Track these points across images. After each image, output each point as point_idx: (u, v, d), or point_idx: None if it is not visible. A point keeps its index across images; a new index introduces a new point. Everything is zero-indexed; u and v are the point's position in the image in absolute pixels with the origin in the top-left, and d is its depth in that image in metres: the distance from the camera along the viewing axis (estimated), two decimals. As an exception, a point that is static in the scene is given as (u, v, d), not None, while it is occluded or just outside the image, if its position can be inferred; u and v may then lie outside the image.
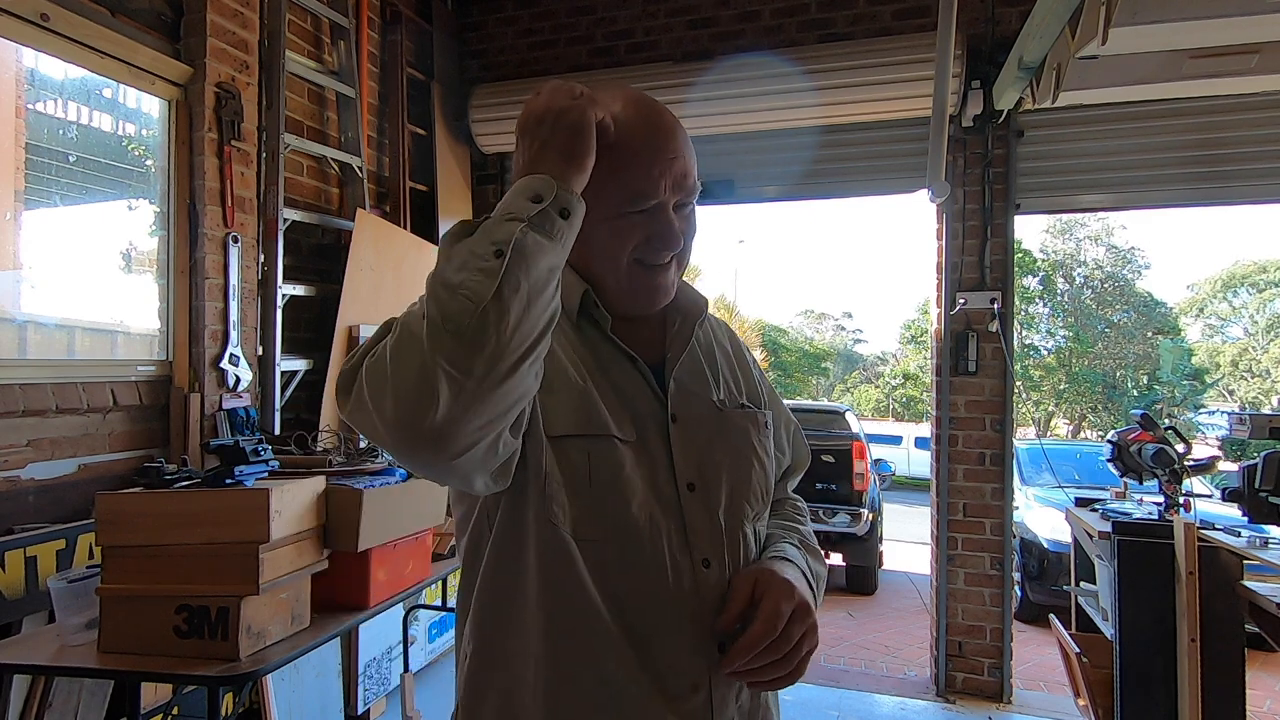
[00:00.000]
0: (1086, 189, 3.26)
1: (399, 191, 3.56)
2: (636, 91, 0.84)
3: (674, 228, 0.82)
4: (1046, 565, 5.11)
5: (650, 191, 0.79)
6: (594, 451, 0.78)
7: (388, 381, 0.63)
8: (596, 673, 0.76)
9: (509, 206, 0.67)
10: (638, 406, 0.83)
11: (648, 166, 0.79)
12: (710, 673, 0.79)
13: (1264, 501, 2.00)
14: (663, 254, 0.83)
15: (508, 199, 0.68)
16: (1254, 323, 22.60)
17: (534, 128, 0.71)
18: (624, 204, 0.80)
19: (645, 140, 0.79)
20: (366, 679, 2.86)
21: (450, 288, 0.63)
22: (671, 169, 0.80)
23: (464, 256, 0.64)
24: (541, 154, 0.70)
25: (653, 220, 0.81)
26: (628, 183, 0.79)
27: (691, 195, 0.84)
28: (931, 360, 3.51)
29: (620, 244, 0.82)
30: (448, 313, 0.62)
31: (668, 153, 0.80)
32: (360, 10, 3.38)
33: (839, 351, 35.68)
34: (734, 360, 0.98)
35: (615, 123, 0.77)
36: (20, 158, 2.25)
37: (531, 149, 0.71)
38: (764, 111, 3.38)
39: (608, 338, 0.85)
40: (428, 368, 0.61)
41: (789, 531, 0.95)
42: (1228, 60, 2.53)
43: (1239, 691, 2.07)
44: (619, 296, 0.85)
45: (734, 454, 0.87)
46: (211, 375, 2.52)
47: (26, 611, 1.95)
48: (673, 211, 0.82)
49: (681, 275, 0.89)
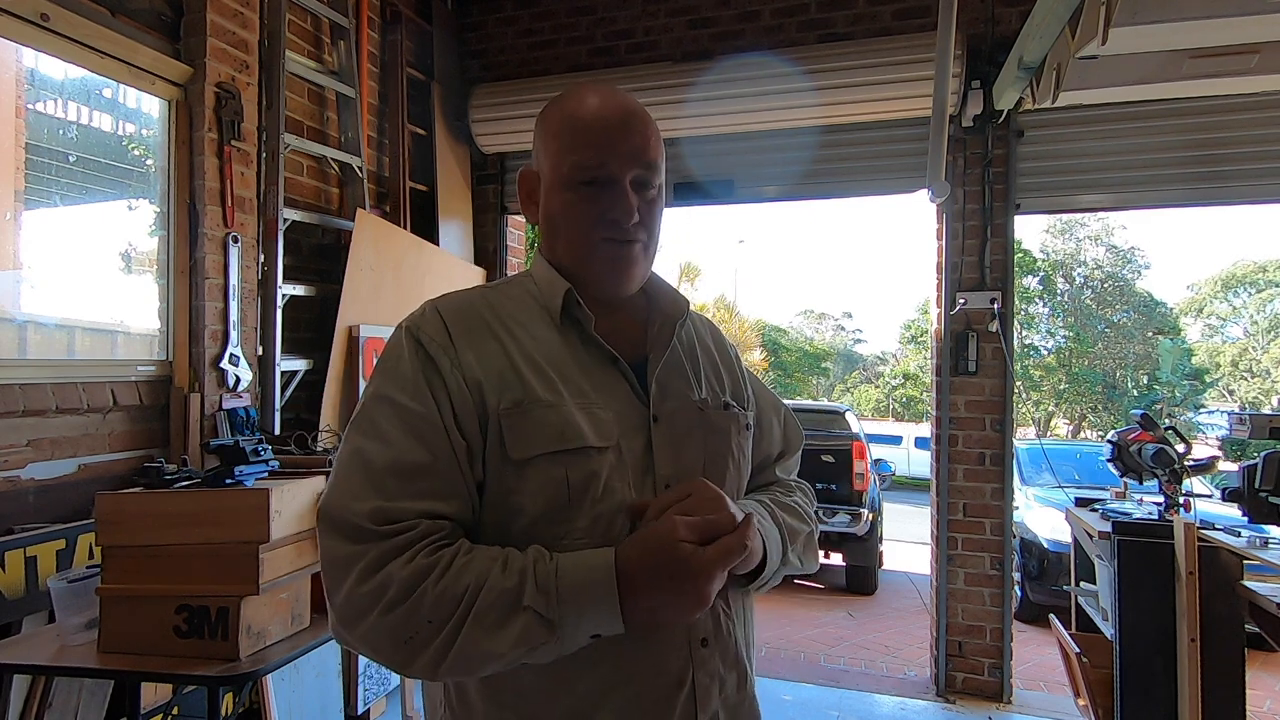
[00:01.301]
0: (1086, 189, 3.26)
1: (399, 191, 3.56)
2: (601, 85, 0.89)
3: (628, 200, 0.84)
4: (1046, 565, 5.11)
5: (599, 162, 0.83)
6: (571, 465, 0.78)
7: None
8: (580, 676, 0.77)
9: (579, 627, 0.72)
10: (619, 407, 0.83)
11: (598, 139, 0.83)
12: (693, 669, 0.80)
13: (1264, 501, 1.99)
14: (622, 227, 0.84)
15: (586, 617, 0.72)
16: (1254, 323, 22.61)
17: (676, 583, 0.72)
18: (576, 173, 0.83)
19: (597, 117, 0.84)
20: (366, 679, 2.86)
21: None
22: (623, 143, 0.83)
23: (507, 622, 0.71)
24: (653, 611, 0.73)
25: (607, 193, 0.84)
26: (581, 154, 0.83)
27: (650, 174, 0.86)
28: (931, 360, 3.51)
29: (580, 216, 0.84)
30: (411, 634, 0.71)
31: (619, 129, 0.84)
32: (360, 10, 3.38)
33: (839, 351, 35.67)
34: (717, 357, 0.99)
35: (572, 101, 0.86)
36: (20, 158, 2.25)
37: (653, 598, 0.72)
38: (764, 111, 3.38)
39: (590, 338, 0.85)
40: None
41: (760, 497, 0.97)
42: (1228, 60, 2.52)
43: (1239, 691, 2.07)
44: (592, 276, 0.87)
45: (712, 454, 0.88)
46: (211, 375, 2.52)
47: (26, 611, 1.95)
48: (630, 188, 0.84)
49: (652, 260, 0.91)
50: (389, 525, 0.73)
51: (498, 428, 0.78)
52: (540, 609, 0.71)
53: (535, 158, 0.91)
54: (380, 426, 0.77)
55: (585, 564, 0.73)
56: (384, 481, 0.74)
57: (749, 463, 0.95)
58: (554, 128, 0.86)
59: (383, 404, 0.78)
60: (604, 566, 0.73)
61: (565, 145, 0.84)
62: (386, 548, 0.72)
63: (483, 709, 0.80)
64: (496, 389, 0.79)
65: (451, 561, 0.72)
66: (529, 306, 0.88)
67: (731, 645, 0.85)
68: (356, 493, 0.74)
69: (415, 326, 0.82)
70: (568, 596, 0.71)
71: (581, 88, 0.88)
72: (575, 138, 0.84)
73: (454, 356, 0.80)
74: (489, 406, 0.79)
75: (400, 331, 0.83)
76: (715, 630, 0.83)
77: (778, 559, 0.88)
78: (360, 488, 0.74)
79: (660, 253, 0.93)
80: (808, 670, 3.77)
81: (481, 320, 0.84)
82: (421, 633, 0.70)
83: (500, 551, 0.75)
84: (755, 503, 0.92)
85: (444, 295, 0.88)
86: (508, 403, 0.79)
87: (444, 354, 0.80)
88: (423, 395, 0.78)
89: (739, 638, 0.87)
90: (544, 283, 0.89)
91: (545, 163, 0.88)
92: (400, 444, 0.76)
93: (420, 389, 0.78)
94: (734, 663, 0.85)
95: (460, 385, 0.79)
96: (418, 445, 0.76)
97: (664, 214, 0.91)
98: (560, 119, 0.86)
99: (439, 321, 0.83)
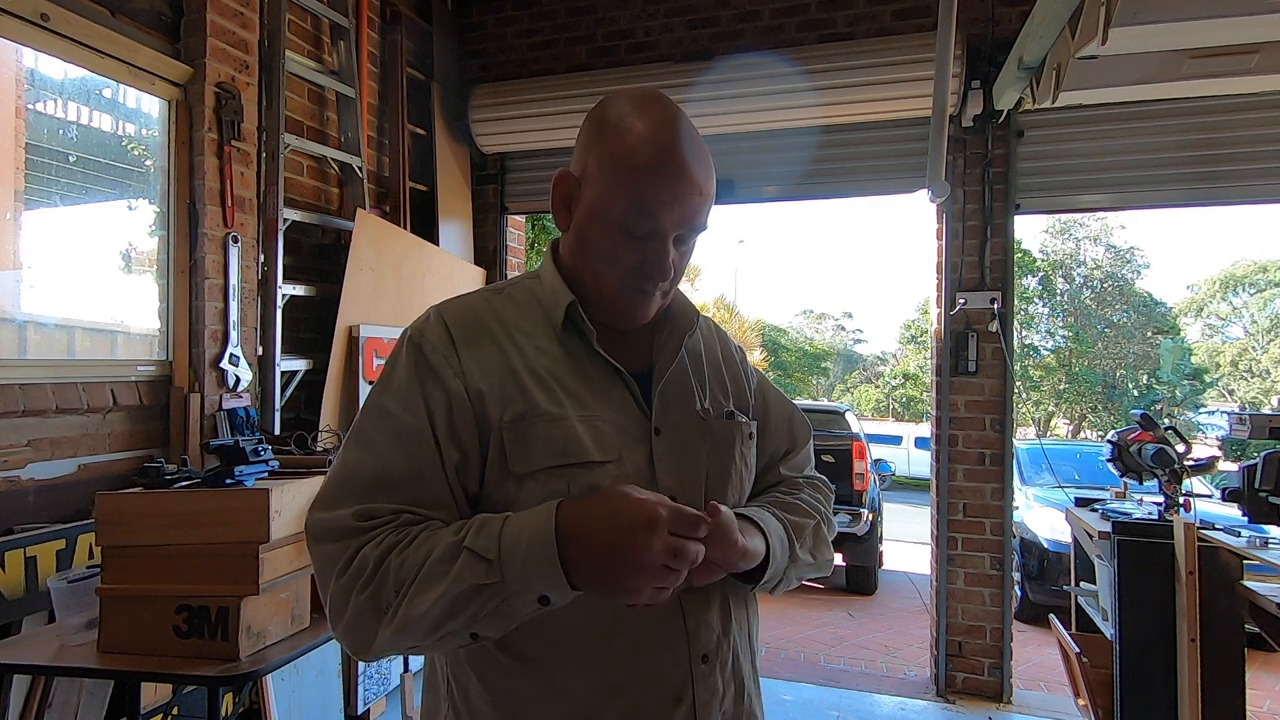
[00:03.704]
0: (1086, 189, 3.26)
1: (399, 191, 3.56)
2: (673, 109, 0.81)
3: (666, 260, 0.82)
4: (1046, 565, 5.11)
5: (651, 222, 0.79)
6: (573, 479, 0.78)
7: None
8: (579, 681, 0.77)
9: (523, 576, 0.69)
10: (621, 419, 0.83)
11: (657, 196, 0.78)
12: (693, 684, 0.80)
13: (1264, 501, 1.99)
14: (655, 281, 0.83)
15: (529, 565, 0.69)
16: (1254, 323, 22.62)
17: (607, 540, 0.69)
18: (625, 221, 0.80)
19: (662, 166, 0.78)
20: (366, 679, 2.86)
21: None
22: (680, 205, 0.79)
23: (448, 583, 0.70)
24: (590, 570, 0.70)
25: (648, 246, 0.81)
26: (635, 208, 0.79)
27: (695, 232, 0.83)
28: (931, 360, 3.51)
29: (617, 259, 0.82)
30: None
31: (680, 186, 0.79)
32: (360, 10, 3.38)
33: (839, 351, 35.68)
34: (722, 363, 0.98)
35: (639, 135, 0.79)
36: (20, 158, 2.25)
37: (591, 554, 0.69)
38: (764, 111, 3.37)
39: (593, 350, 0.85)
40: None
41: (762, 499, 0.95)
42: (1228, 60, 2.52)
43: (1239, 691, 2.07)
44: (605, 309, 0.86)
45: (715, 465, 0.87)
46: (211, 375, 2.52)
47: (26, 611, 1.95)
48: (671, 243, 0.82)
49: (671, 295, 0.89)
50: (368, 521, 0.75)
51: (500, 440, 0.78)
52: (479, 549, 0.70)
53: (579, 162, 0.85)
54: (371, 437, 0.79)
55: (531, 510, 0.73)
56: (369, 490, 0.76)
57: (752, 472, 0.94)
58: (612, 151, 0.80)
59: (377, 414, 0.80)
60: (545, 509, 0.72)
61: (621, 184, 0.79)
62: (364, 539, 0.74)
63: (484, 711, 0.80)
64: (499, 400, 0.79)
65: (416, 536, 0.73)
66: (533, 313, 0.87)
67: (731, 659, 0.84)
68: (343, 501, 0.76)
69: (419, 334, 0.83)
70: (509, 539, 0.70)
71: (649, 104, 0.81)
72: (634, 185, 0.78)
73: (456, 365, 0.80)
74: (491, 418, 0.79)
75: (404, 339, 0.83)
76: (716, 646, 0.82)
77: (783, 555, 0.86)
78: (346, 496, 0.76)
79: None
80: (808, 670, 3.77)
81: (485, 327, 0.84)
82: (393, 603, 0.71)
83: (462, 520, 0.76)
84: (758, 505, 0.91)
85: (449, 300, 0.87)
86: (510, 415, 0.78)
87: (446, 363, 0.80)
88: (415, 407, 0.78)
89: (740, 651, 0.86)
90: (550, 290, 0.88)
91: (593, 183, 0.82)
92: (388, 456, 0.77)
93: (414, 400, 0.79)
94: (732, 676, 0.84)
95: (461, 394, 0.79)
96: (406, 458, 0.77)
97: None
98: (621, 146, 0.79)
99: (442, 329, 0.82)
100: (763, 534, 0.83)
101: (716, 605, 0.83)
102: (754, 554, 0.81)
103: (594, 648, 0.77)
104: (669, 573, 0.69)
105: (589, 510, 0.71)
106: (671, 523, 0.69)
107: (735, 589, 0.86)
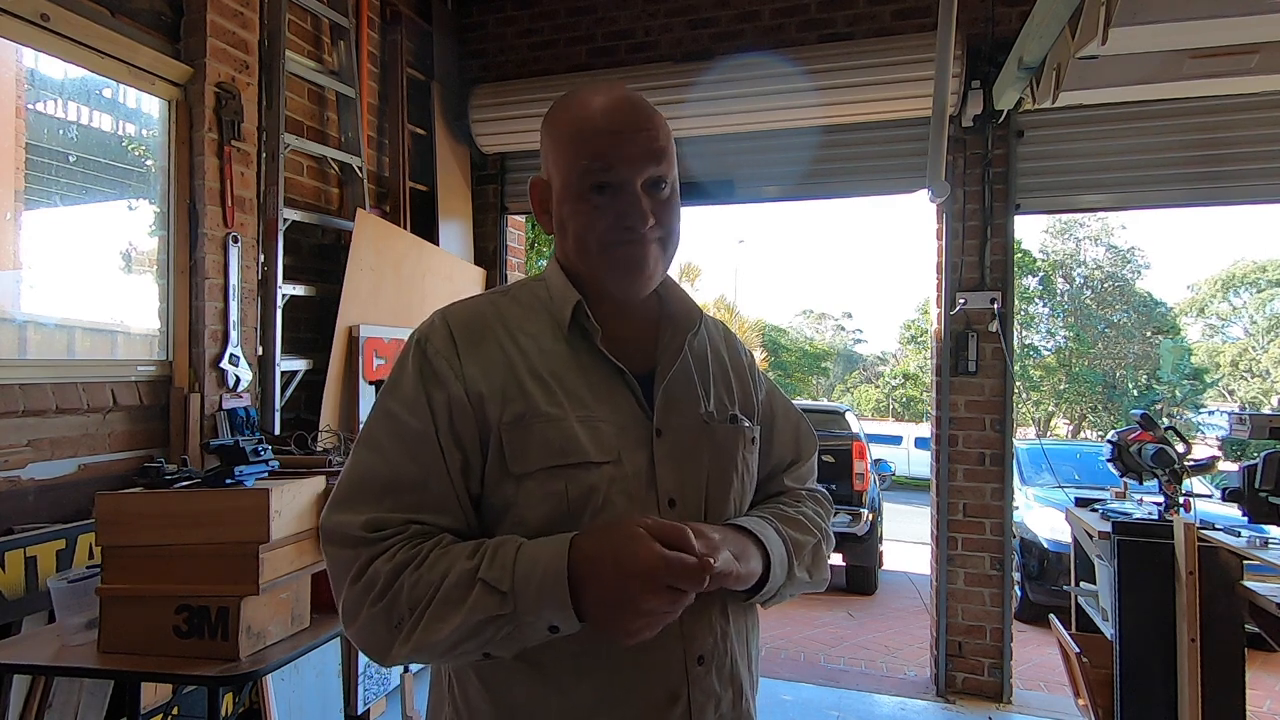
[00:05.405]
0: (1086, 189, 3.26)
1: (399, 191, 3.56)
2: (610, 85, 0.87)
3: (641, 206, 0.81)
4: (1046, 565, 5.11)
5: (606, 166, 0.80)
6: (571, 479, 0.78)
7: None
8: (576, 683, 0.78)
9: (535, 610, 0.72)
10: (622, 420, 0.83)
11: (604, 143, 0.80)
12: (689, 687, 0.80)
13: (1264, 501, 1.99)
14: (638, 232, 0.82)
15: (542, 600, 0.71)
16: (1254, 323, 22.61)
17: (613, 587, 0.71)
18: (585, 179, 0.81)
19: (601, 119, 0.81)
20: (366, 679, 2.86)
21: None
22: (630, 145, 0.81)
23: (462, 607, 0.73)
24: (596, 610, 0.72)
25: (620, 199, 0.81)
26: (588, 161, 0.81)
27: (662, 172, 0.83)
28: (931, 360, 3.51)
29: (592, 223, 0.82)
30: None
31: (625, 130, 0.81)
32: (360, 10, 3.38)
33: (839, 351, 35.67)
34: (729, 365, 0.97)
35: (578, 106, 0.83)
36: (20, 158, 2.25)
37: (598, 598, 0.71)
38: (764, 111, 3.38)
39: (596, 350, 0.85)
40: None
41: (765, 510, 0.94)
42: (1228, 60, 2.52)
43: (1239, 691, 2.07)
44: (606, 279, 0.85)
45: (716, 469, 0.87)
46: (211, 375, 2.52)
47: (26, 611, 1.95)
48: (642, 190, 0.82)
49: (671, 257, 0.88)
50: (379, 532, 0.76)
51: (499, 441, 0.79)
52: (493, 581, 0.72)
53: (544, 165, 0.89)
54: (379, 440, 0.81)
55: (543, 542, 0.75)
56: (378, 496, 0.78)
57: (754, 477, 0.94)
58: (559, 134, 0.84)
59: (384, 418, 0.82)
60: (558, 541, 0.74)
61: (571, 152, 0.82)
62: (376, 549, 0.76)
63: (483, 709, 0.81)
64: (499, 402, 0.80)
65: (429, 553, 0.75)
66: (538, 315, 0.87)
67: (728, 663, 0.84)
68: (354, 506, 0.78)
69: (424, 338, 0.84)
70: (522, 571, 0.72)
71: (582, 89, 0.86)
72: (581, 144, 0.81)
73: (459, 369, 0.81)
74: (490, 420, 0.80)
75: (410, 343, 0.85)
76: (713, 648, 0.82)
77: (782, 574, 0.86)
78: (357, 502, 0.78)
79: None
80: (808, 670, 3.77)
81: (489, 330, 0.85)
82: (406, 619, 0.73)
83: (476, 541, 0.77)
84: (758, 517, 0.90)
85: (454, 303, 0.88)
86: (509, 416, 0.79)
87: (449, 367, 0.81)
88: (420, 411, 0.80)
89: (738, 655, 0.86)
90: (556, 290, 0.88)
91: (554, 171, 0.85)
92: (395, 460, 0.79)
93: (419, 404, 0.80)
94: (729, 679, 0.84)
95: (462, 397, 0.80)
96: (412, 462, 0.79)
97: (680, 210, 0.88)
98: (564, 124, 0.84)
99: (446, 333, 0.84)
100: (763, 553, 0.83)
101: (715, 608, 0.83)
102: (751, 577, 0.82)
103: (590, 649, 0.78)
104: (666, 616, 0.72)
105: (600, 551, 0.72)
106: (673, 576, 0.70)
107: (732, 596, 0.86)
